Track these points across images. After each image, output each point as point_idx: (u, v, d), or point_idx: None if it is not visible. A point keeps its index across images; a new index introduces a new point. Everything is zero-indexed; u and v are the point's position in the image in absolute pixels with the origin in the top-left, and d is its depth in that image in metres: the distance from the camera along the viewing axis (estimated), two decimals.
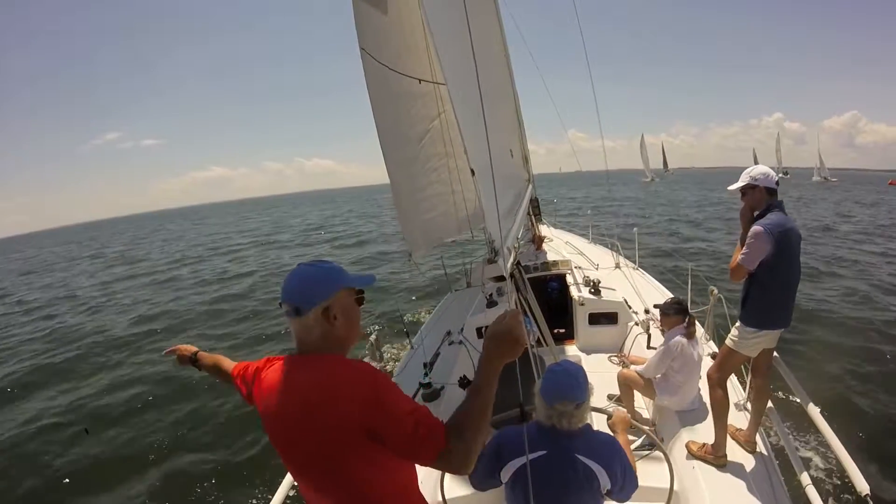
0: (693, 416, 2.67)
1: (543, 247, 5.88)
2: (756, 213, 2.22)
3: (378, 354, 3.34)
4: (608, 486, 1.48)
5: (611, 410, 2.07)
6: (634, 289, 4.54)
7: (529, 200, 5.05)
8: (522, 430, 1.42)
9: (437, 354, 3.49)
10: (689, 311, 2.93)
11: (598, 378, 3.25)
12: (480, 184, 1.57)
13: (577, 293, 4.00)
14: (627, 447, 1.68)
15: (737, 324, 2.34)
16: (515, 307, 1.86)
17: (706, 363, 2.77)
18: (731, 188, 2.29)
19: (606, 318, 3.97)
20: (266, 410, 1.09)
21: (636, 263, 5.66)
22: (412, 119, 3.50)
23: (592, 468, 1.45)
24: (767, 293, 2.19)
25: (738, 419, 2.58)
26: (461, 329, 3.89)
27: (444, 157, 3.77)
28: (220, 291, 12.71)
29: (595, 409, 1.78)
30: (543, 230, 6.67)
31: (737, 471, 2.24)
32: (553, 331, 3.53)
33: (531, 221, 6.25)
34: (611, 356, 3.80)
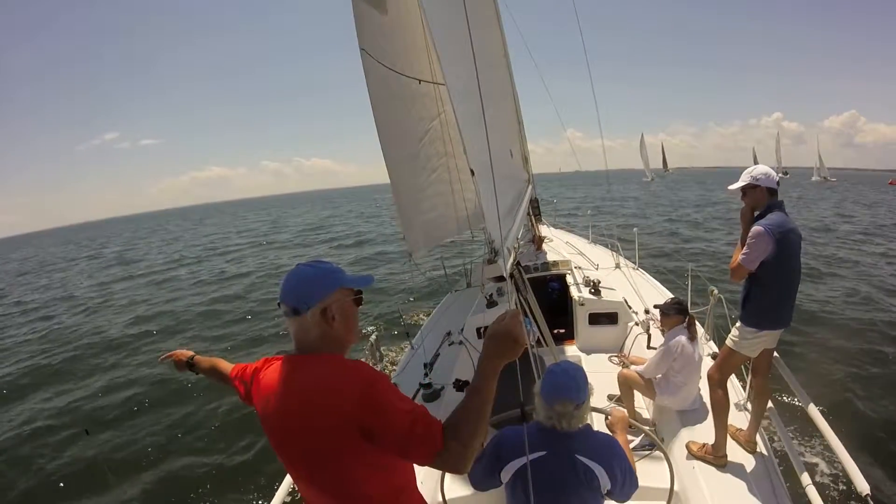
0: (693, 417, 2.67)
1: (543, 247, 5.88)
2: (756, 214, 2.22)
3: (378, 355, 3.33)
4: (608, 487, 1.48)
5: (609, 410, 2.07)
6: (634, 289, 4.54)
7: (529, 201, 5.05)
8: (522, 431, 1.42)
9: (438, 355, 3.49)
10: (689, 312, 2.93)
11: (599, 378, 3.25)
12: (480, 184, 1.57)
13: (577, 293, 4.00)
14: (626, 447, 1.68)
15: (737, 324, 2.34)
16: (515, 307, 1.86)
17: (706, 363, 2.77)
18: (732, 188, 2.28)
19: (606, 319, 3.97)
20: (265, 410, 1.09)
21: (636, 263, 5.66)
22: (412, 119, 3.50)
23: (592, 468, 1.45)
24: (768, 293, 2.18)
25: (739, 419, 2.58)
26: (461, 329, 3.89)
27: (444, 157, 3.77)
28: (219, 292, 12.70)
29: (593, 409, 1.79)
30: (543, 230, 6.67)
31: (737, 471, 2.24)
32: (553, 331, 3.53)
33: (531, 222, 6.24)
34: (611, 356, 3.80)
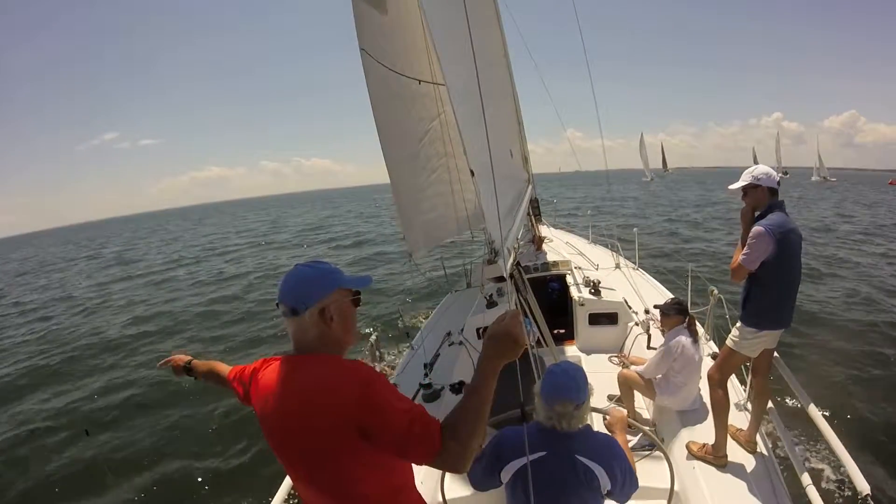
0: (693, 417, 2.67)
1: (543, 247, 5.88)
2: (757, 214, 2.22)
3: (378, 355, 3.33)
4: (608, 487, 1.48)
5: (607, 410, 2.07)
6: (634, 289, 4.54)
7: (529, 201, 5.05)
8: (522, 431, 1.42)
9: (438, 355, 3.49)
10: (690, 312, 2.93)
11: (599, 378, 3.25)
12: (480, 184, 1.57)
13: (578, 293, 4.00)
14: (625, 446, 1.68)
15: (737, 324, 2.34)
16: (515, 308, 1.86)
17: (706, 363, 2.77)
18: (733, 187, 2.27)
19: (606, 319, 3.97)
20: (263, 411, 1.09)
21: (636, 264, 5.66)
22: (412, 119, 3.50)
23: (592, 469, 1.45)
24: (768, 294, 2.18)
25: (739, 419, 2.58)
26: (461, 330, 3.89)
27: (444, 158, 3.77)
28: (217, 293, 12.68)
29: (592, 410, 1.79)
30: (543, 230, 6.67)
31: (737, 471, 2.24)
32: (553, 331, 3.53)
33: (531, 222, 6.24)
34: (611, 356, 3.80)
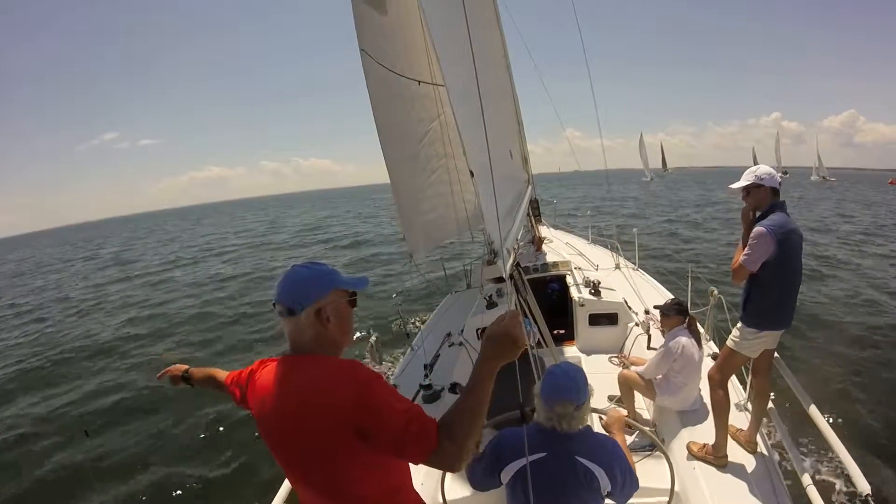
0: (694, 417, 2.67)
1: (543, 248, 5.88)
2: (758, 214, 2.21)
3: (378, 356, 3.33)
4: (608, 488, 1.48)
5: (605, 410, 2.07)
6: (634, 289, 4.54)
7: (529, 201, 5.05)
8: (522, 432, 1.41)
9: (437, 356, 3.49)
10: (690, 312, 2.93)
11: (599, 379, 3.25)
12: (480, 185, 1.57)
13: (577, 294, 4.00)
14: (624, 446, 1.68)
15: (738, 324, 2.33)
16: (515, 308, 1.86)
17: (707, 364, 2.77)
18: (735, 186, 2.25)
19: (606, 319, 3.96)
20: (260, 411, 1.09)
21: (636, 264, 5.66)
22: (412, 120, 3.50)
23: (592, 470, 1.45)
24: (769, 294, 2.18)
25: (739, 420, 2.58)
26: (461, 330, 3.89)
27: (444, 159, 3.77)
28: (213, 294, 12.65)
29: (592, 410, 1.79)
30: (543, 231, 6.67)
31: (738, 471, 2.24)
32: (553, 332, 3.53)
33: (531, 222, 6.24)
34: (611, 357, 3.80)
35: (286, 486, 1.81)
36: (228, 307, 10.93)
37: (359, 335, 3.43)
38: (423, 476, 2.14)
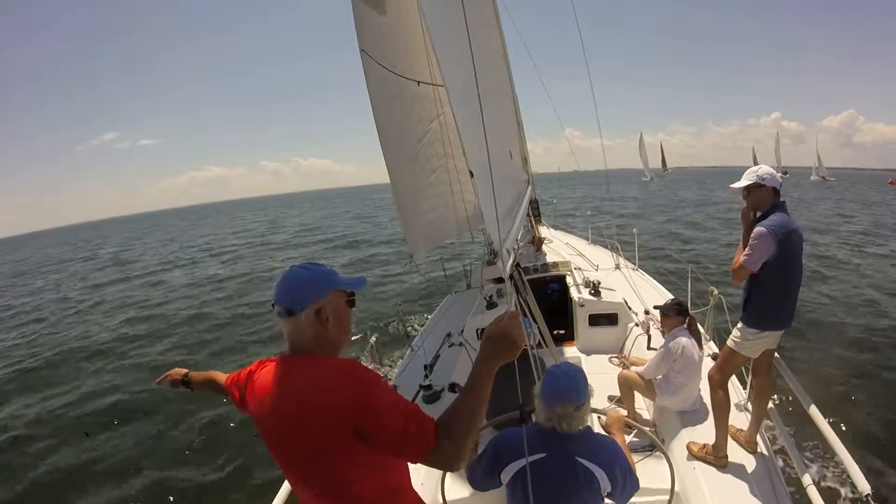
0: (694, 417, 2.67)
1: (543, 248, 5.88)
2: (759, 214, 2.20)
3: (377, 357, 3.33)
4: (608, 489, 1.48)
5: (604, 410, 2.07)
6: (634, 290, 4.54)
7: (529, 202, 5.04)
8: (522, 432, 1.41)
9: (437, 356, 3.49)
10: (690, 312, 2.93)
11: (599, 379, 3.25)
12: (479, 186, 1.57)
13: (577, 294, 4.00)
14: (624, 446, 1.68)
15: (738, 325, 2.33)
16: (515, 309, 1.85)
17: (707, 364, 2.77)
18: (736, 186, 2.23)
19: (606, 319, 3.96)
20: (260, 412, 1.09)
21: (636, 264, 5.66)
22: (411, 120, 3.50)
23: (592, 471, 1.45)
24: (769, 294, 2.17)
25: (739, 420, 2.58)
26: (461, 331, 3.89)
27: (444, 159, 3.76)
28: (211, 295, 12.63)
29: (591, 410, 1.78)
30: (543, 231, 6.67)
31: (738, 471, 2.24)
32: (553, 332, 3.53)
33: (531, 223, 6.24)
34: (611, 357, 3.80)
35: (286, 488, 1.81)
36: (226, 308, 10.92)
37: (358, 336, 3.43)
38: (424, 476, 2.14)
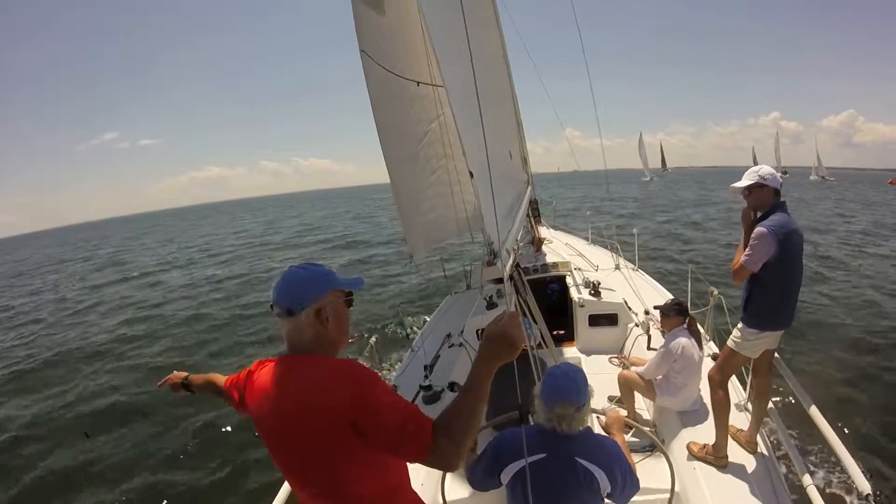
0: (694, 417, 2.67)
1: (543, 248, 5.88)
2: (759, 215, 2.20)
3: (377, 357, 3.33)
4: (608, 490, 1.48)
5: (604, 410, 2.07)
6: (634, 290, 4.54)
7: (529, 202, 5.04)
8: (522, 433, 1.41)
9: (437, 357, 3.49)
10: (690, 313, 2.93)
11: (599, 380, 3.24)
12: (479, 186, 1.57)
13: (577, 295, 4.00)
14: (624, 446, 1.68)
15: (738, 325, 2.33)
16: (515, 309, 1.85)
17: (707, 364, 2.77)
18: (737, 185, 2.22)
19: (606, 320, 3.96)
20: (259, 412, 1.09)
21: (636, 264, 5.66)
22: (411, 121, 3.49)
23: (592, 471, 1.45)
24: (769, 294, 2.17)
25: (739, 420, 2.58)
26: (461, 331, 3.89)
27: (444, 159, 3.76)
28: (209, 295, 12.62)
29: (591, 411, 1.78)
30: (543, 232, 6.67)
31: (738, 471, 2.24)
32: (553, 332, 3.53)
33: (531, 223, 6.24)
34: (611, 357, 3.80)
35: (285, 489, 1.81)
36: (225, 308, 10.89)
37: (355, 335, 3.42)
38: (424, 476, 2.14)
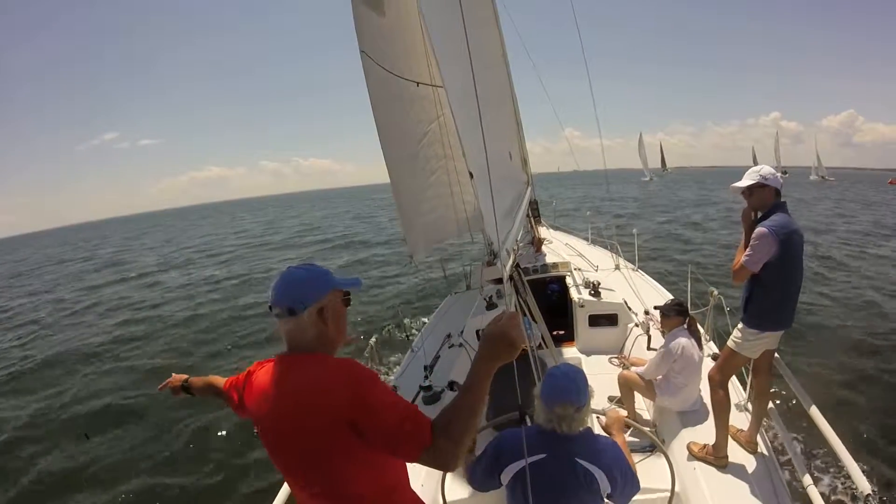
0: (694, 417, 2.67)
1: (543, 249, 5.88)
2: (759, 215, 2.19)
3: (377, 358, 3.33)
4: (608, 490, 1.48)
5: (604, 410, 2.07)
6: (634, 290, 4.54)
7: (529, 202, 5.04)
8: (522, 433, 1.41)
9: (437, 357, 3.49)
10: (690, 313, 2.93)
11: (599, 380, 3.25)
12: (479, 187, 1.57)
13: (577, 295, 4.00)
14: (624, 447, 1.68)
15: (739, 325, 2.32)
16: (515, 309, 1.86)
17: (707, 364, 2.77)
18: (738, 185, 2.21)
19: (606, 320, 3.96)
20: (258, 413, 1.10)
21: (636, 265, 5.66)
22: (411, 121, 3.49)
23: (592, 472, 1.45)
24: (770, 295, 2.17)
25: (739, 420, 2.58)
26: (461, 331, 3.89)
27: (443, 160, 3.77)
28: (208, 296, 12.60)
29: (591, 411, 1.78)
30: (543, 232, 6.67)
31: (738, 471, 2.24)
32: (553, 333, 3.53)
33: (530, 223, 6.24)
34: (611, 358, 3.79)
35: (285, 490, 1.81)
36: (223, 309, 10.87)
37: (353, 335, 3.42)
38: (424, 477, 2.14)
